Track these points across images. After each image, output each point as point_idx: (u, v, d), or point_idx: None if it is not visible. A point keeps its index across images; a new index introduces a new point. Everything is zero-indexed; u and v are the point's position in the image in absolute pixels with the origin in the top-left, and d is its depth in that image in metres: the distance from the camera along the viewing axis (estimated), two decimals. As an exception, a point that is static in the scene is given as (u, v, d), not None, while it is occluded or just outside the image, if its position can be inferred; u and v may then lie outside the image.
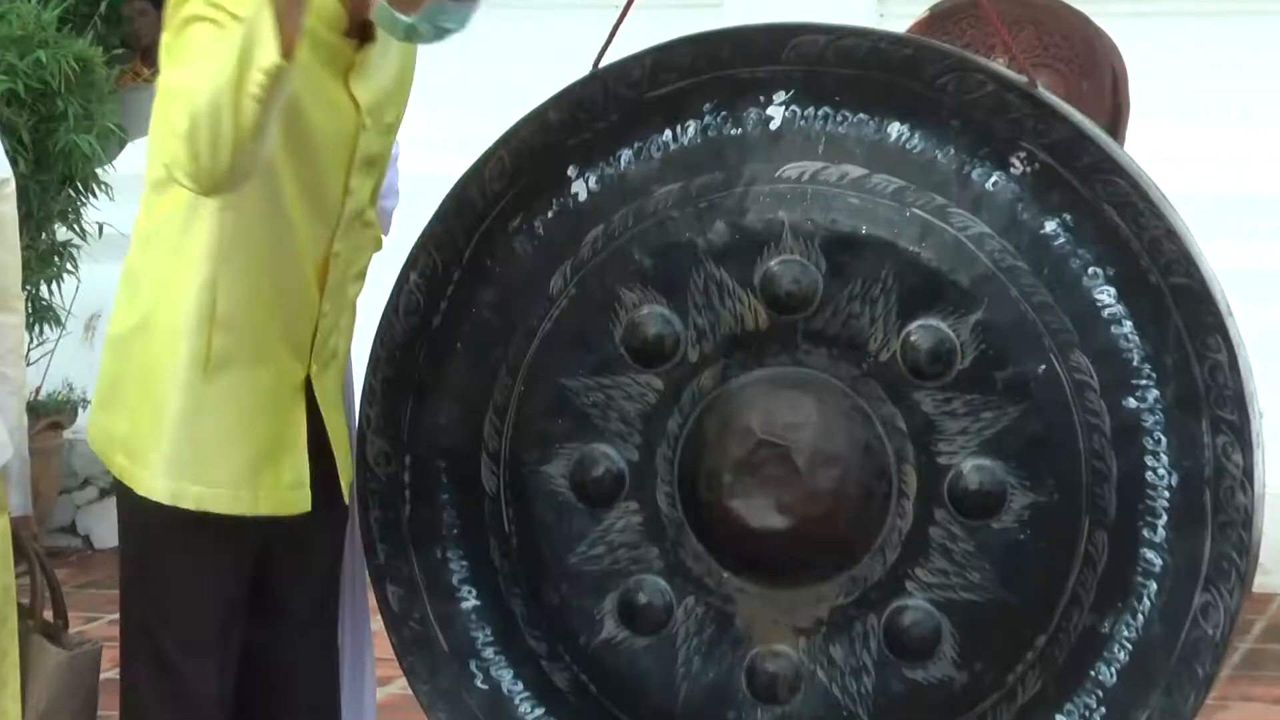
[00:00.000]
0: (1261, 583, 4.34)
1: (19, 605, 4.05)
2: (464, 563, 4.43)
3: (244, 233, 4.03)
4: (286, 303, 4.11)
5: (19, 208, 4.13)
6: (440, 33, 4.09)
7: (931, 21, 5.77)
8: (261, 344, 4.07)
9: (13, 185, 4.00)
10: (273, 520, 4.11)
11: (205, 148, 3.74)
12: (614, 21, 4.32)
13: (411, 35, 4.10)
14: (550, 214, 4.36)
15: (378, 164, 4.27)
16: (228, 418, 4.04)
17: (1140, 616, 4.11)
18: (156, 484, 4.00)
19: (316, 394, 4.18)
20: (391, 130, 4.33)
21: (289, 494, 4.13)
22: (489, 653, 4.43)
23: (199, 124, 3.73)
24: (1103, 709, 4.15)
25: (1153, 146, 4.37)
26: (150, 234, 4.10)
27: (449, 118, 4.25)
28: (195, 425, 4.01)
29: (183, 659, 4.05)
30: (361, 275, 4.37)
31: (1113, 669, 4.14)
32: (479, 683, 4.44)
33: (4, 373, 4.05)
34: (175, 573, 4.04)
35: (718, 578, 4.27)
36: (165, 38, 3.99)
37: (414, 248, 4.39)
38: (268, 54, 3.69)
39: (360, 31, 4.12)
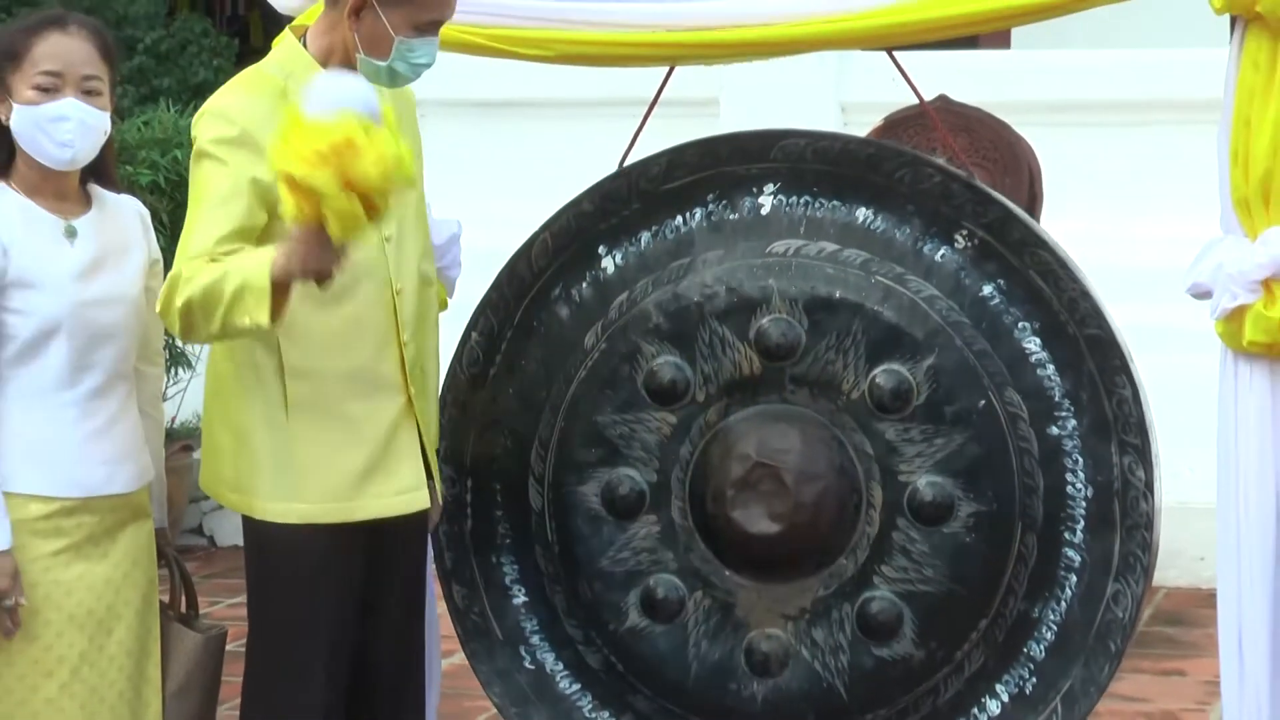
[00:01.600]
0: (1149, 577, 4.38)
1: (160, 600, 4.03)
2: (515, 566, 4.41)
3: (294, 299, 3.77)
4: (360, 344, 3.89)
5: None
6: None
7: (886, 128, 5.81)
8: (340, 387, 3.88)
9: (161, 264, 3.98)
10: (376, 527, 3.94)
11: (190, 332, 3.67)
12: (636, 124, 4.30)
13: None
14: (584, 283, 4.34)
15: (407, 215, 3.98)
16: (319, 447, 3.87)
17: (1063, 603, 4.12)
18: (267, 507, 3.87)
19: (418, 414, 3.97)
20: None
21: (399, 498, 3.93)
22: (535, 639, 4.42)
23: (192, 316, 3.64)
24: (1034, 679, 4.14)
25: (1066, 228, 4.38)
26: None
27: (503, 203, 4.23)
28: (289, 452, 3.86)
29: (297, 661, 3.92)
30: (431, 318, 4.13)
31: (1042, 646, 4.14)
32: (527, 664, 4.43)
33: (150, 413, 4.03)
34: (295, 583, 3.92)
35: (721, 575, 4.25)
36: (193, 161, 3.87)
37: (475, 311, 4.36)
38: (259, 314, 3.57)
39: None
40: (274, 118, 3.69)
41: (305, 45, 3.91)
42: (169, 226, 7.43)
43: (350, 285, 3.82)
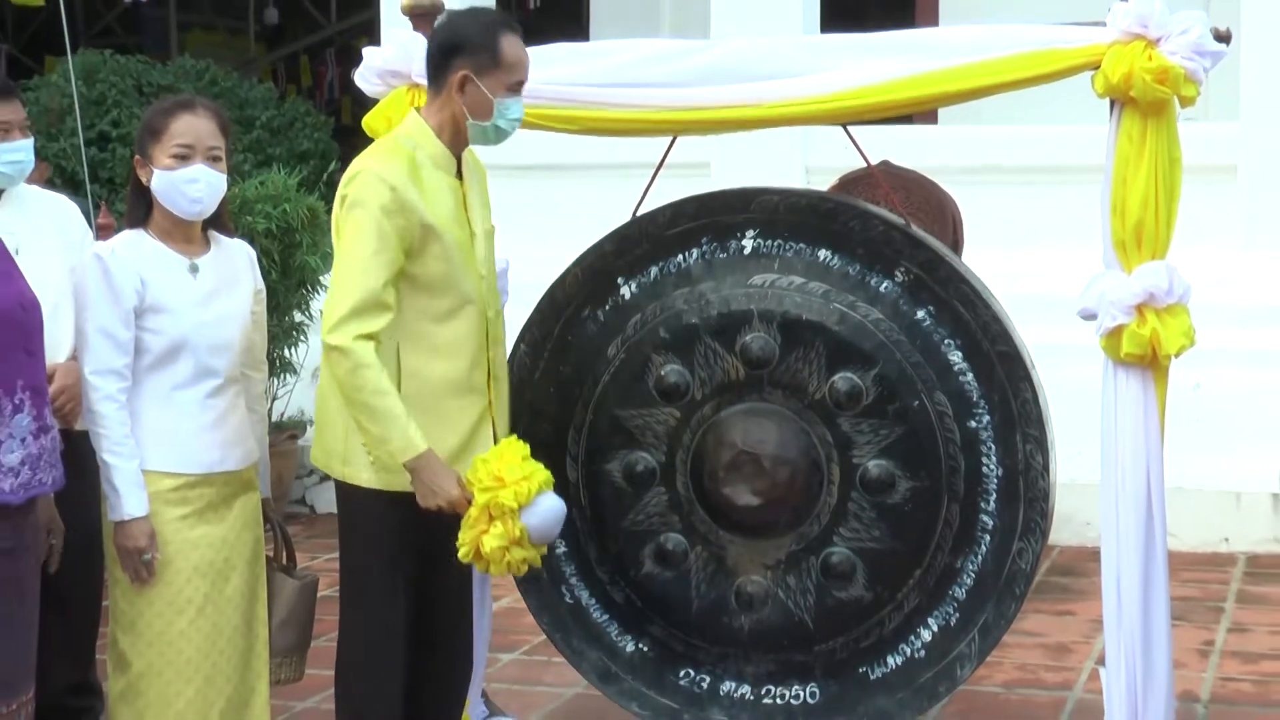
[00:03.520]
0: (1045, 538, 4.35)
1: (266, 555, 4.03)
2: (556, 523, 4.43)
3: (413, 317, 3.82)
4: (461, 356, 3.88)
5: (270, 301, 4.13)
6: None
7: (841, 185, 5.74)
8: (442, 387, 3.87)
9: (264, 294, 4.01)
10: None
11: (328, 372, 3.79)
12: (645, 182, 4.29)
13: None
14: (607, 307, 4.33)
15: (488, 258, 4.02)
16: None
17: (979, 557, 4.10)
18: (374, 477, 3.85)
19: (495, 414, 3.98)
20: (490, 236, 4.03)
21: None
22: (574, 580, 4.41)
23: (343, 386, 3.73)
24: (957, 614, 4.13)
25: (982, 264, 4.36)
26: None
27: (541, 245, 4.22)
28: None
29: (379, 593, 3.93)
30: (505, 338, 4.12)
31: (963, 590, 4.12)
32: (567, 599, 4.42)
33: (255, 409, 4.02)
34: (378, 537, 3.91)
35: (716, 534, 4.25)
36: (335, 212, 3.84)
37: (522, 329, 4.35)
38: (379, 453, 3.78)
39: (460, 173, 3.94)
40: (410, 179, 3.78)
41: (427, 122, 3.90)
42: (280, 262, 7.43)
43: (459, 309, 3.87)
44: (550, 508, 3.82)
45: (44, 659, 3.58)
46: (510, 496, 3.73)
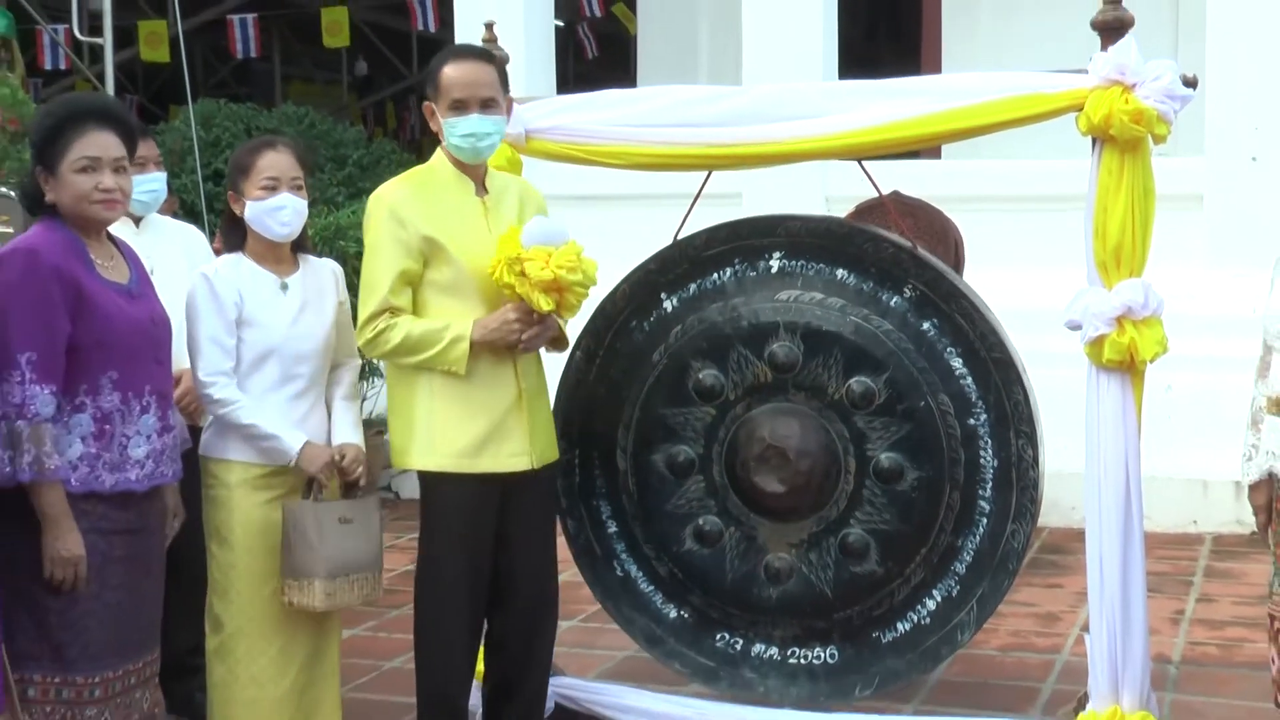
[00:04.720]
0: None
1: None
2: (609, 506, 4.38)
3: (446, 310, 3.80)
4: (483, 353, 3.83)
5: (354, 307, 4.08)
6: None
7: (857, 213, 5.69)
8: (471, 380, 3.82)
9: (348, 304, 3.99)
10: (503, 479, 3.87)
11: (385, 357, 3.81)
12: (685, 210, 4.30)
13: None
14: (652, 318, 4.32)
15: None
16: (452, 419, 3.82)
17: (977, 537, 4.08)
18: (418, 460, 3.84)
19: (525, 405, 3.90)
20: None
21: (511, 459, 3.85)
22: (624, 556, 4.40)
23: (399, 351, 3.77)
24: (957, 587, 4.10)
25: (981, 281, 4.32)
26: None
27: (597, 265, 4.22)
28: (432, 424, 3.83)
29: (442, 567, 3.88)
30: None
31: (963, 565, 4.10)
32: (618, 572, 4.41)
33: (349, 393, 3.98)
34: (443, 516, 3.88)
35: (747, 517, 4.23)
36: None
37: (578, 338, 4.32)
38: (459, 365, 3.77)
39: (482, 189, 3.91)
40: (414, 197, 3.82)
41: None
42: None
43: (478, 309, 3.83)
44: (531, 222, 3.80)
45: (167, 625, 3.62)
46: (512, 250, 3.73)
